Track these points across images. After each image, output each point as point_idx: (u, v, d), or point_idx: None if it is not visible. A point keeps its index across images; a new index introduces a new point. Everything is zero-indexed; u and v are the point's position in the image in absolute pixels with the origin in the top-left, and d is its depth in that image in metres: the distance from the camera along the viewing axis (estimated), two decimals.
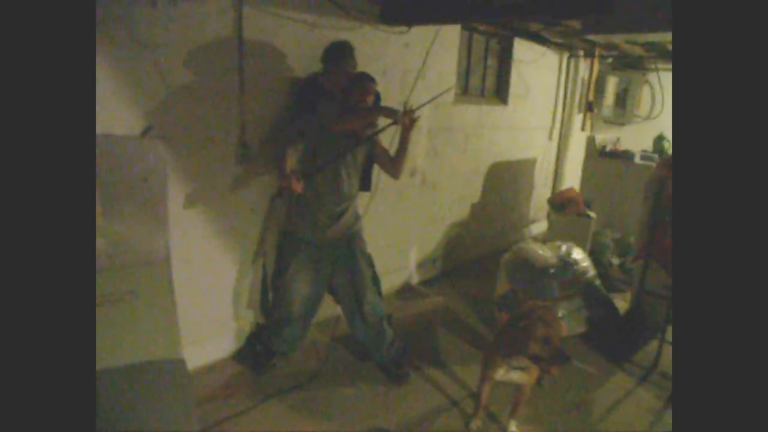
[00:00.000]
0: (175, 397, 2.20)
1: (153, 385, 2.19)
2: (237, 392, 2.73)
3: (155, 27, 2.30)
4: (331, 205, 2.71)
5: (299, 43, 2.91)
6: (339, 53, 2.73)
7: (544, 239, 4.76)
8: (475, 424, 2.59)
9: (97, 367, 2.14)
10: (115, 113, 2.27)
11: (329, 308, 3.13)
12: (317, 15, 2.96)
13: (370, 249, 2.95)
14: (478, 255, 5.15)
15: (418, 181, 4.11)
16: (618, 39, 4.59)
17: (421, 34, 3.68)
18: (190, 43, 2.44)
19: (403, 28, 3.46)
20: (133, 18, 2.22)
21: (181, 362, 2.33)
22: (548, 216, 5.30)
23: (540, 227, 6.31)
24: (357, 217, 2.88)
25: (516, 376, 2.41)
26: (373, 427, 2.55)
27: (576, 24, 3.93)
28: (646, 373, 3.20)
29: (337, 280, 2.87)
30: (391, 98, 3.41)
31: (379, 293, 2.96)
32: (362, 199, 3.26)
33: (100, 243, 2.22)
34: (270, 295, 2.97)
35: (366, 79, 2.63)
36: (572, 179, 6.62)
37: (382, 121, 2.63)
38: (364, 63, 3.07)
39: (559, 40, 5.04)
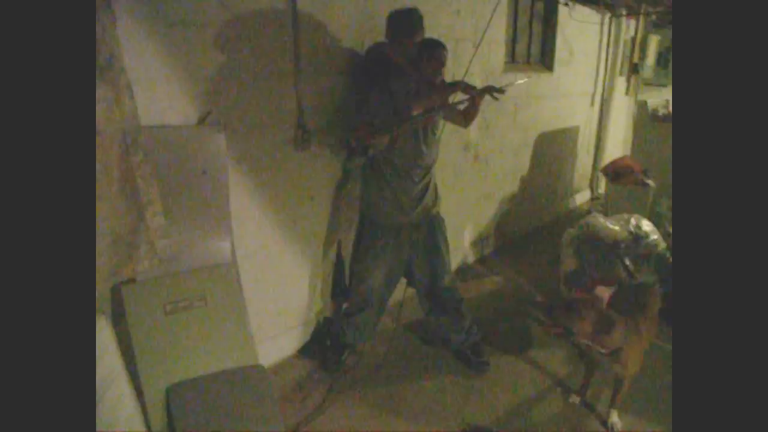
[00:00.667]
0: (260, 405, 2.04)
1: (235, 394, 2.02)
2: (312, 392, 2.56)
3: (202, 2, 2.08)
4: (412, 183, 2.53)
5: (353, 14, 2.67)
6: (410, 23, 2.48)
7: (603, 211, 4.53)
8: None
9: (176, 379, 2.00)
10: (168, 101, 2.05)
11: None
12: None
13: None
14: (527, 229, 4.94)
15: (471, 156, 3.88)
16: None
17: (470, 0, 3.42)
18: (241, 19, 2.21)
19: None
20: None
21: (261, 368, 2.17)
22: (605, 186, 5.03)
23: (583, 197, 6.07)
24: (438, 197, 2.69)
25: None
26: (469, 425, 2.37)
27: None
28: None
29: (416, 263, 2.70)
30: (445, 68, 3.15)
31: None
32: None
33: (163, 245, 2.04)
34: (347, 281, 2.81)
35: (439, 48, 2.38)
36: (613, 146, 6.34)
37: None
38: None
39: None
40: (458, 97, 2.54)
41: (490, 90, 2.42)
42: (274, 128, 2.46)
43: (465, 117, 2.64)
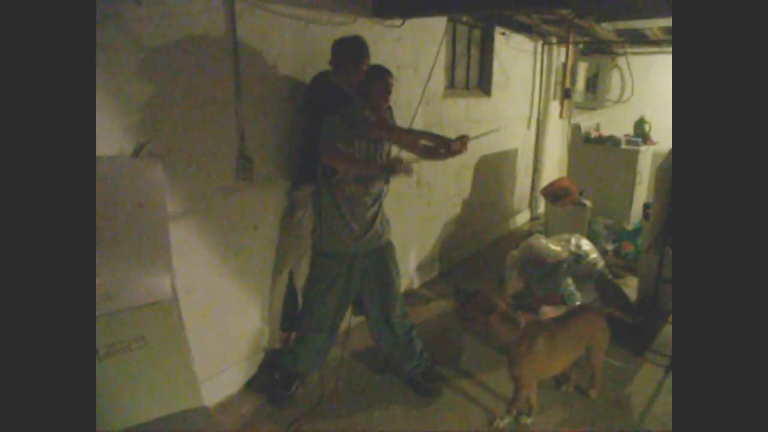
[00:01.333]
0: None
1: None
2: (261, 430, 2.46)
3: (140, 26, 2.00)
4: (364, 209, 2.49)
5: (294, 41, 2.65)
6: (357, 50, 2.49)
7: (544, 231, 4.67)
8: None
9: (115, 428, 1.86)
10: (101, 130, 1.94)
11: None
12: (311, 10, 2.70)
13: None
14: (471, 252, 5.01)
15: (414, 181, 3.91)
16: (618, 25, 4.59)
17: (410, 27, 3.48)
18: (178, 44, 2.14)
19: (397, 22, 3.25)
20: (116, 15, 1.91)
21: (205, 411, 2.06)
22: (545, 207, 5.19)
23: (524, 217, 6.24)
24: (387, 222, 2.67)
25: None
26: None
27: (567, 12, 3.82)
28: (671, 362, 3.12)
29: (368, 290, 2.67)
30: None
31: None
32: None
33: (98, 284, 1.92)
34: (299, 306, 2.75)
35: (386, 74, 2.39)
36: (550, 167, 6.59)
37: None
38: None
39: (545, 27, 4.93)
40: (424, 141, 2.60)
41: (464, 140, 2.60)
42: (215, 158, 2.39)
43: (430, 155, 2.71)
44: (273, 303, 2.89)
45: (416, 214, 4.04)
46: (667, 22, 4.31)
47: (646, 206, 3.87)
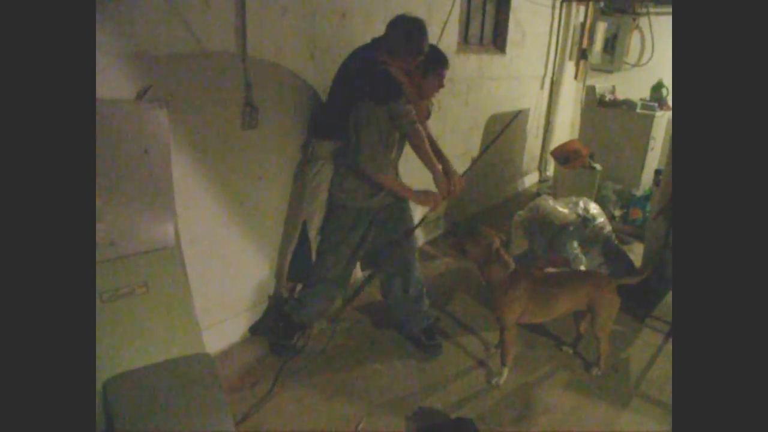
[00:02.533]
0: (206, 395, 1.94)
1: (180, 385, 1.93)
2: (261, 378, 2.50)
3: None
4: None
5: None
6: (424, 39, 2.38)
7: (552, 193, 4.62)
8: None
9: (116, 371, 1.89)
10: (102, 73, 1.89)
11: None
12: None
13: None
14: (477, 210, 4.99)
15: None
16: None
17: None
18: None
19: None
20: None
21: (207, 357, 2.08)
22: (554, 169, 5.13)
23: (532, 179, 6.18)
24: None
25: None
26: (421, 407, 2.37)
27: None
28: (671, 329, 3.13)
29: (382, 243, 2.67)
30: None
31: None
32: None
33: (100, 229, 1.91)
34: (312, 257, 2.73)
35: (443, 67, 2.39)
36: (562, 129, 6.47)
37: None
38: (367, 10, 2.86)
39: None
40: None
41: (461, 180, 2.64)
42: (220, 105, 2.34)
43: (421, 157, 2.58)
44: (281, 253, 2.89)
45: (422, 171, 3.96)
46: None
47: (657, 172, 3.80)
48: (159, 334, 2.02)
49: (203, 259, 2.47)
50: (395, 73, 2.37)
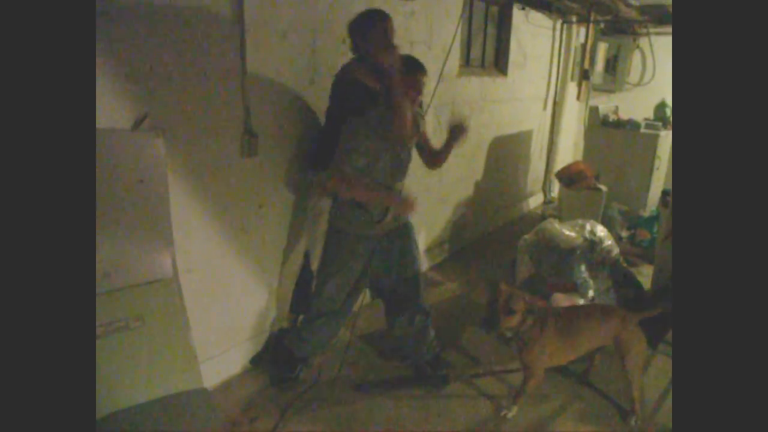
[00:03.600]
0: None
1: (175, 424, 1.85)
2: (261, 413, 2.41)
3: None
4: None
5: (305, 11, 2.53)
6: (367, 22, 2.35)
7: (557, 215, 4.55)
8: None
9: (111, 408, 1.82)
10: (100, 101, 1.86)
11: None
12: None
13: None
14: (481, 233, 4.93)
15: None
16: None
17: (424, 1, 3.34)
18: (182, 12, 2.04)
19: None
20: None
21: (204, 393, 2.01)
22: (559, 191, 5.08)
23: (536, 200, 6.12)
24: None
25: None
26: None
27: None
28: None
29: (385, 271, 2.56)
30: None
31: None
32: None
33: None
34: (312, 285, 2.65)
35: (418, 71, 2.29)
36: (565, 150, 6.44)
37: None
38: None
39: (565, 3, 4.75)
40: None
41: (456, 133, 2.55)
42: (219, 133, 2.30)
43: (439, 155, 2.65)
44: (283, 283, 2.83)
45: (427, 195, 3.94)
46: None
47: (665, 193, 3.74)
48: (155, 369, 1.95)
49: (202, 288, 2.41)
50: (366, 80, 2.32)
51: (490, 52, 4.67)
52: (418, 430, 2.36)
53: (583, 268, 3.32)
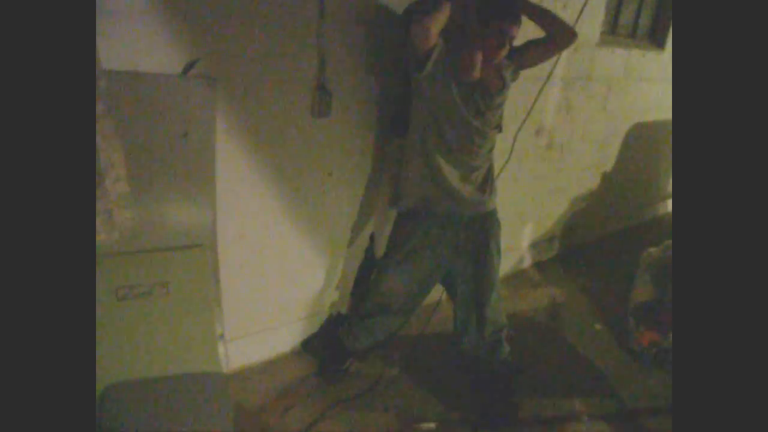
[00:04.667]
0: (210, 423, 1.66)
1: (182, 406, 1.67)
2: (296, 403, 2.18)
3: None
4: (465, 163, 2.03)
5: None
6: None
7: None
8: None
9: (119, 376, 1.67)
10: (145, 41, 1.62)
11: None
12: None
13: None
14: (598, 235, 4.24)
15: (544, 143, 3.25)
16: None
17: None
18: None
19: None
20: None
21: (220, 377, 1.79)
22: None
23: None
24: (493, 189, 2.16)
25: None
26: None
27: None
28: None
29: (458, 270, 2.18)
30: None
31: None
32: None
33: (124, 218, 1.68)
34: (371, 277, 2.37)
35: (503, 17, 1.82)
36: None
37: None
38: None
39: None
40: None
41: None
42: (285, 87, 2.00)
43: (552, 27, 2.00)
44: (347, 265, 2.55)
45: (539, 182, 3.40)
46: None
47: None
48: (172, 343, 1.77)
49: (255, 257, 2.19)
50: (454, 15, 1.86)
51: (646, 19, 3.87)
52: None
53: None
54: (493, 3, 1.85)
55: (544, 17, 1.98)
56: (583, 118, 3.47)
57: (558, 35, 1.99)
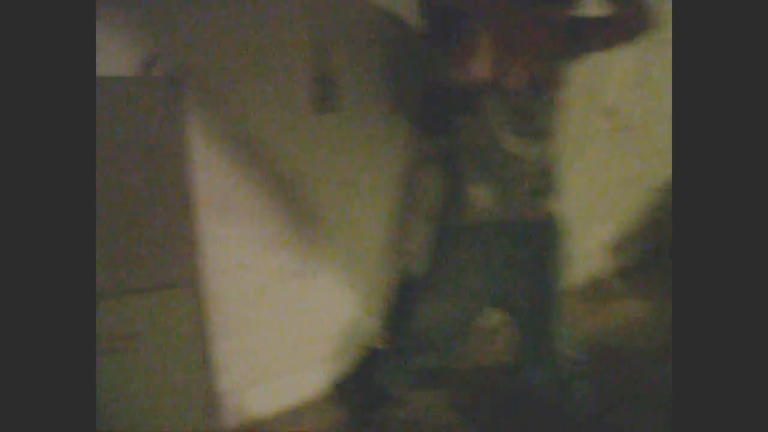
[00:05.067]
0: None
1: None
2: None
3: None
4: (519, 159, 1.60)
5: None
6: None
7: None
8: None
9: None
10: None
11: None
12: None
13: None
14: None
15: (610, 125, 2.71)
16: None
17: None
18: None
19: None
20: None
21: None
22: None
23: None
24: (553, 189, 1.70)
25: None
26: None
27: None
28: None
29: (513, 292, 1.75)
30: None
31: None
32: None
33: None
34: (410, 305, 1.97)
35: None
36: None
37: None
38: None
39: None
40: None
41: None
42: (277, 79, 1.64)
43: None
44: (380, 289, 2.15)
45: (612, 169, 2.84)
46: None
47: None
48: (147, 401, 1.43)
49: (256, 290, 1.83)
50: None
51: None
52: None
53: None
54: None
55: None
56: (663, 91, 2.88)
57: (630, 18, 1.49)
